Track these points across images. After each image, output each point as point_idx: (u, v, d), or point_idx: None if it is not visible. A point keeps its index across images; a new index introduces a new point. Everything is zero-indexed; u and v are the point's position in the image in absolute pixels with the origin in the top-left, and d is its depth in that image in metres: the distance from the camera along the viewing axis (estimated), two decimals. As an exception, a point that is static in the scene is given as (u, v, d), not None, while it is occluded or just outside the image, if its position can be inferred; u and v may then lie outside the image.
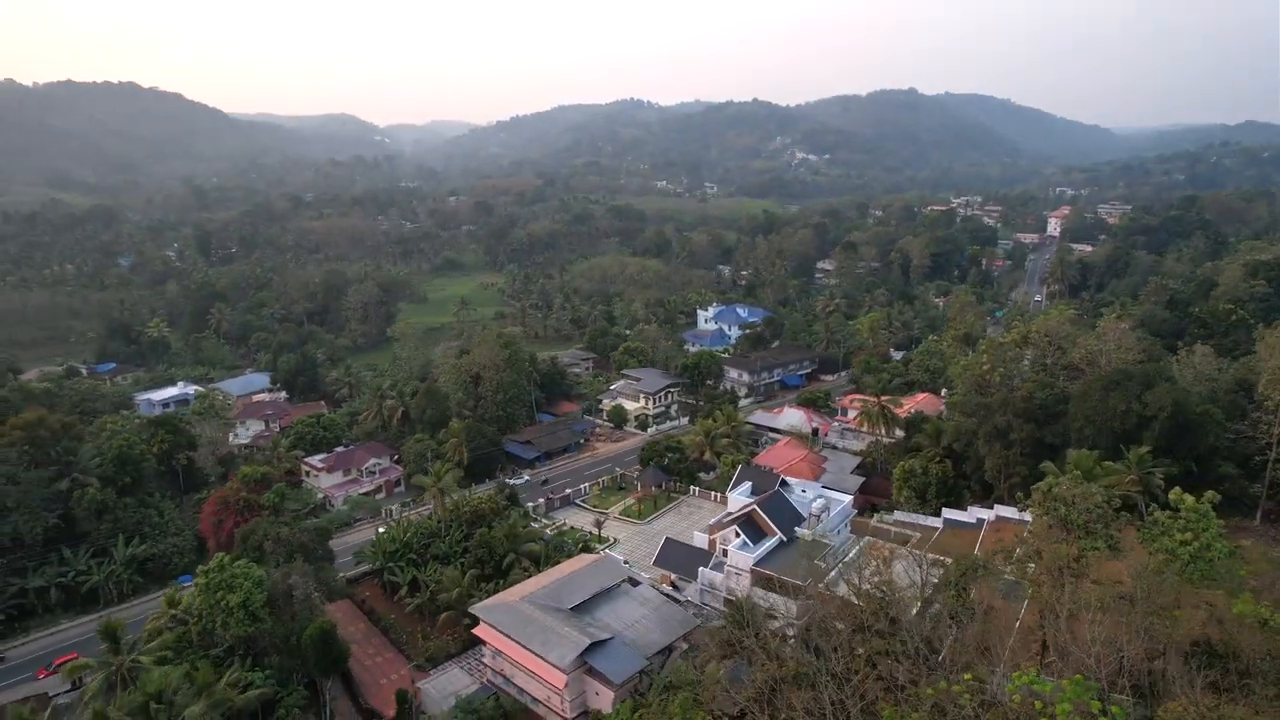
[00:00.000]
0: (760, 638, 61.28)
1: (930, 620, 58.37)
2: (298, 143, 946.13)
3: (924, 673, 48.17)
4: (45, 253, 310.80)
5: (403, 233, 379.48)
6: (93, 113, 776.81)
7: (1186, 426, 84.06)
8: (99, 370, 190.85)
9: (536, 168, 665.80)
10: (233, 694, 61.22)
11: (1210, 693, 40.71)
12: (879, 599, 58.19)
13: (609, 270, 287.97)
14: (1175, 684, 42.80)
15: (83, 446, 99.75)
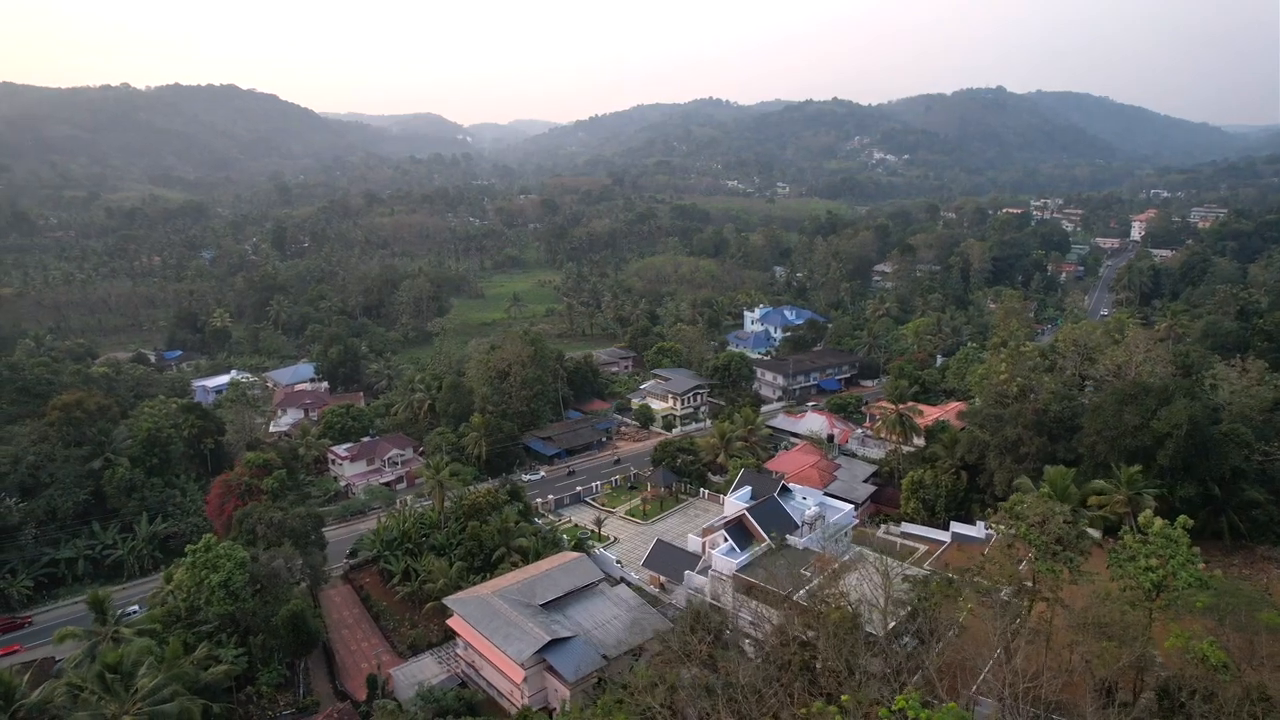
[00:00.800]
0: (704, 645, 60.73)
1: (888, 637, 56.64)
2: (383, 141, 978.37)
3: (848, 689, 46.80)
4: (138, 245, 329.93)
5: (469, 229, 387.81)
6: (196, 114, 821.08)
7: (1206, 446, 78.98)
8: (167, 357, 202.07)
9: (609, 166, 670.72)
10: (190, 668, 63.95)
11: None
12: (824, 612, 56.91)
13: (663, 269, 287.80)
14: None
15: (116, 428, 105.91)
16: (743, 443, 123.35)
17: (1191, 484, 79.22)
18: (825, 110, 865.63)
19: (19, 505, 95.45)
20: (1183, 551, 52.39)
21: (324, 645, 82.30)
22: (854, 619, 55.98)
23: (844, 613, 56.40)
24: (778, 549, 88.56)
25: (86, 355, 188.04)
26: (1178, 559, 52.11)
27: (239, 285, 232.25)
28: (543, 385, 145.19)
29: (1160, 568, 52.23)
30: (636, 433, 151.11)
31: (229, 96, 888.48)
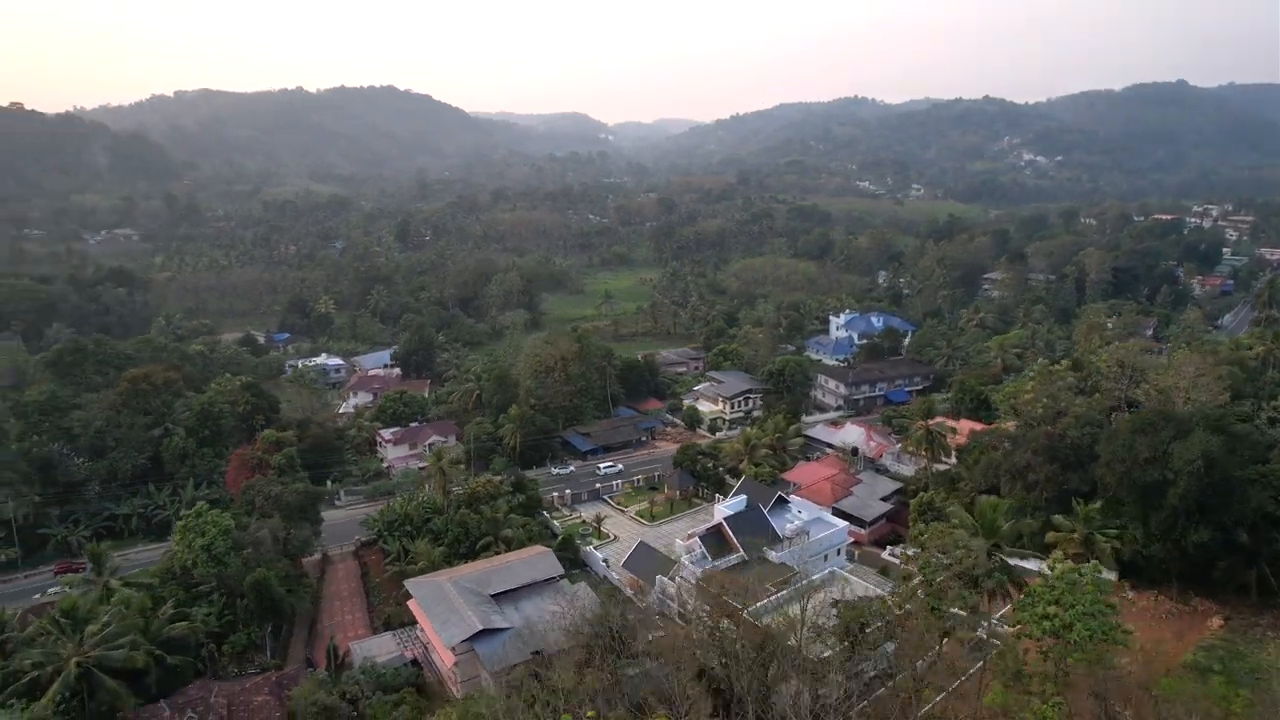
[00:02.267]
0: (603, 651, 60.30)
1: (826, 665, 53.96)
2: (528, 140, 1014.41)
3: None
4: (280, 236, 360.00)
5: (584, 226, 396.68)
6: (359, 114, 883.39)
7: (1225, 487, 70.16)
8: (276, 339, 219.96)
9: (742, 165, 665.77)
10: (157, 622, 70.19)
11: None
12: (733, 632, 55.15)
13: (761, 270, 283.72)
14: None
15: (177, 401, 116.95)
16: (768, 450, 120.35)
17: (1206, 528, 70.61)
18: (974, 109, 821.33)
19: (86, 464, 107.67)
20: (1084, 598, 47.29)
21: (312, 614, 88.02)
22: (769, 641, 53.47)
23: (757, 632, 54.49)
24: (750, 561, 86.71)
25: (208, 334, 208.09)
26: (1078, 607, 47.08)
27: (346, 275, 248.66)
28: (586, 381, 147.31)
29: (1057, 615, 47.42)
30: (680, 434, 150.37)
31: (388, 97, 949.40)
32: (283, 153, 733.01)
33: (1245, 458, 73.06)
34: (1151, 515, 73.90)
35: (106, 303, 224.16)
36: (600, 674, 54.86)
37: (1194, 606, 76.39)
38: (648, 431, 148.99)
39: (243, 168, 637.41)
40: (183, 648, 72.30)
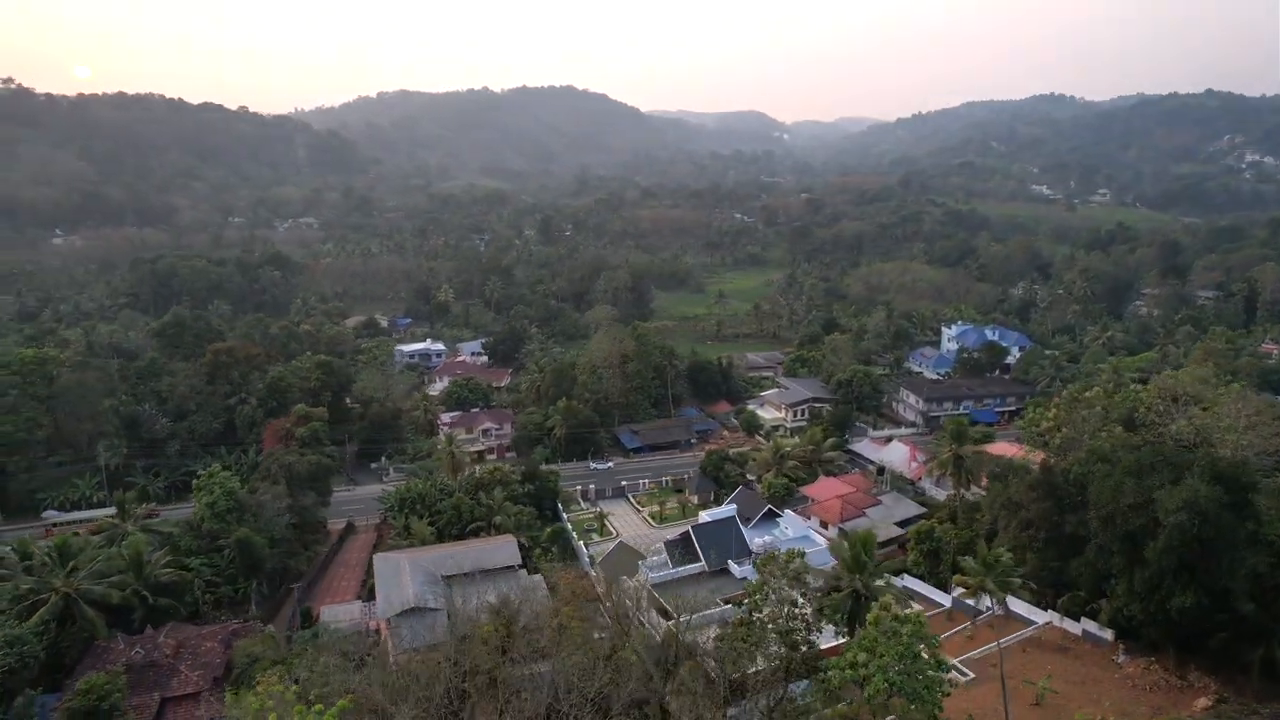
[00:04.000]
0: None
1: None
2: (699, 138, 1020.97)
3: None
4: (435, 228, 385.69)
5: (723, 225, 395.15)
6: (537, 112, 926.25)
7: (1216, 546, 60.61)
8: (399, 324, 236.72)
9: (912, 166, 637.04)
10: (152, 567, 78.97)
11: None
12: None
13: (887, 276, 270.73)
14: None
15: (253, 374, 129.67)
16: (798, 462, 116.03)
17: (1192, 592, 61.20)
18: (1190, 104, 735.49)
19: (169, 424, 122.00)
20: (894, 649, 43.02)
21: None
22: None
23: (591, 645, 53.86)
24: (707, 573, 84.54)
25: (338, 316, 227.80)
26: (885, 657, 42.91)
27: (471, 266, 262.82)
28: (642, 379, 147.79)
29: (861, 666, 43.48)
30: (735, 439, 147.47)
31: (566, 96, 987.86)
32: (463, 149, 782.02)
33: (1248, 515, 62.30)
34: (1136, 570, 65.06)
35: (264, 284, 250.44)
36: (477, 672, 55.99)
37: (1189, 681, 66.62)
38: (702, 434, 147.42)
39: (424, 163, 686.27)
40: (173, 592, 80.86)
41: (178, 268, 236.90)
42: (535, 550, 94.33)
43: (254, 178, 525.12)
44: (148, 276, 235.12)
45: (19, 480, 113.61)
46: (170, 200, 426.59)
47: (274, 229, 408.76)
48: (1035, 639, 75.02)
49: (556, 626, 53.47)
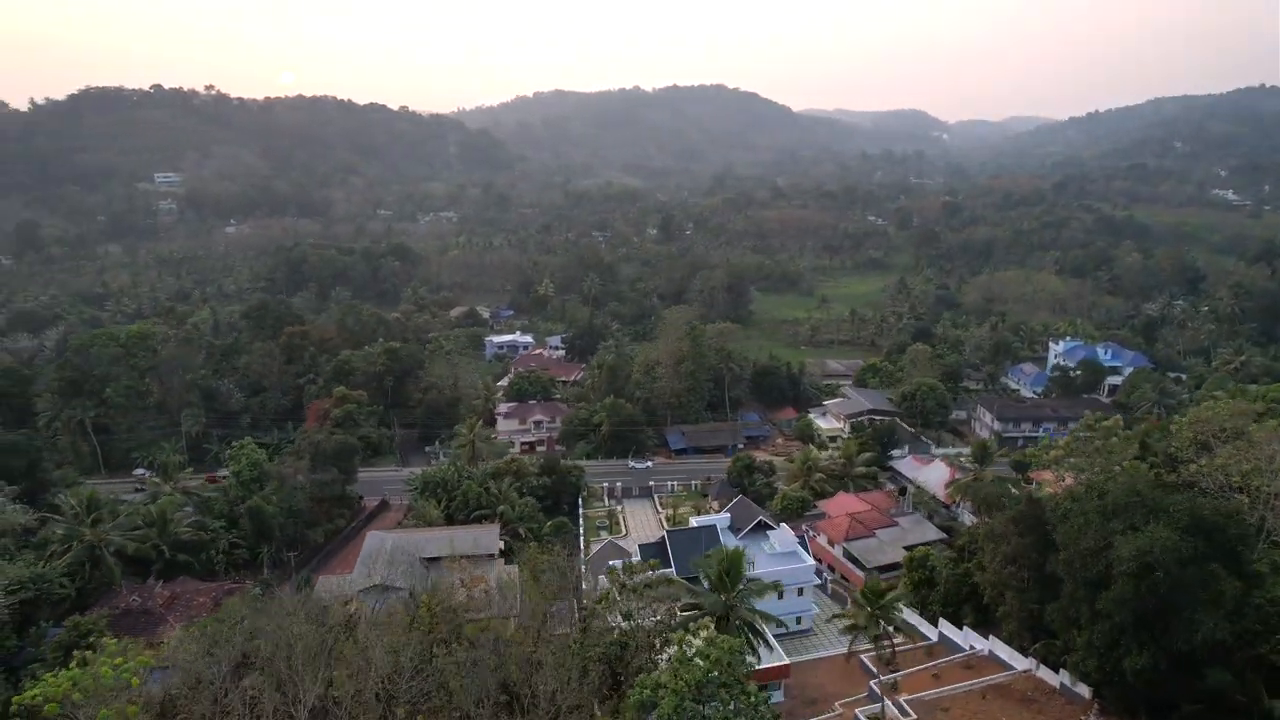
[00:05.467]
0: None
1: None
2: (851, 138, 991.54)
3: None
4: (562, 224, 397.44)
5: (854, 227, 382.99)
6: (685, 111, 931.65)
7: (1170, 601, 53.81)
8: (501, 315, 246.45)
9: (1078, 168, 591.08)
10: (175, 526, 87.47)
11: None
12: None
13: (1008, 284, 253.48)
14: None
15: (322, 357, 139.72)
16: (825, 475, 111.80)
17: (1147, 652, 54.50)
18: None
19: (243, 399, 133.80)
20: (688, 675, 40.77)
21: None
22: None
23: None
24: (670, 579, 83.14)
25: (445, 306, 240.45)
26: (678, 685, 40.69)
27: (570, 261, 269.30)
28: (696, 381, 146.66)
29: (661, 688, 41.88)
30: (788, 446, 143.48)
31: (715, 95, 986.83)
32: (609, 147, 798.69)
33: (1232, 572, 54.44)
34: (1097, 623, 58.62)
35: (385, 273, 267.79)
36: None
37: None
38: (753, 439, 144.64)
39: (569, 160, 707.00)
40: (191, 550, 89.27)
41: (309, 255, 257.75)
42: (530, 542, 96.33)
43: (407, 174, 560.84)
44: (283, 263, 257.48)
45: (120, 439, 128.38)
46: (329, 194, 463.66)
47: (416, 222, 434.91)
48: (1003, 686, 68.98)
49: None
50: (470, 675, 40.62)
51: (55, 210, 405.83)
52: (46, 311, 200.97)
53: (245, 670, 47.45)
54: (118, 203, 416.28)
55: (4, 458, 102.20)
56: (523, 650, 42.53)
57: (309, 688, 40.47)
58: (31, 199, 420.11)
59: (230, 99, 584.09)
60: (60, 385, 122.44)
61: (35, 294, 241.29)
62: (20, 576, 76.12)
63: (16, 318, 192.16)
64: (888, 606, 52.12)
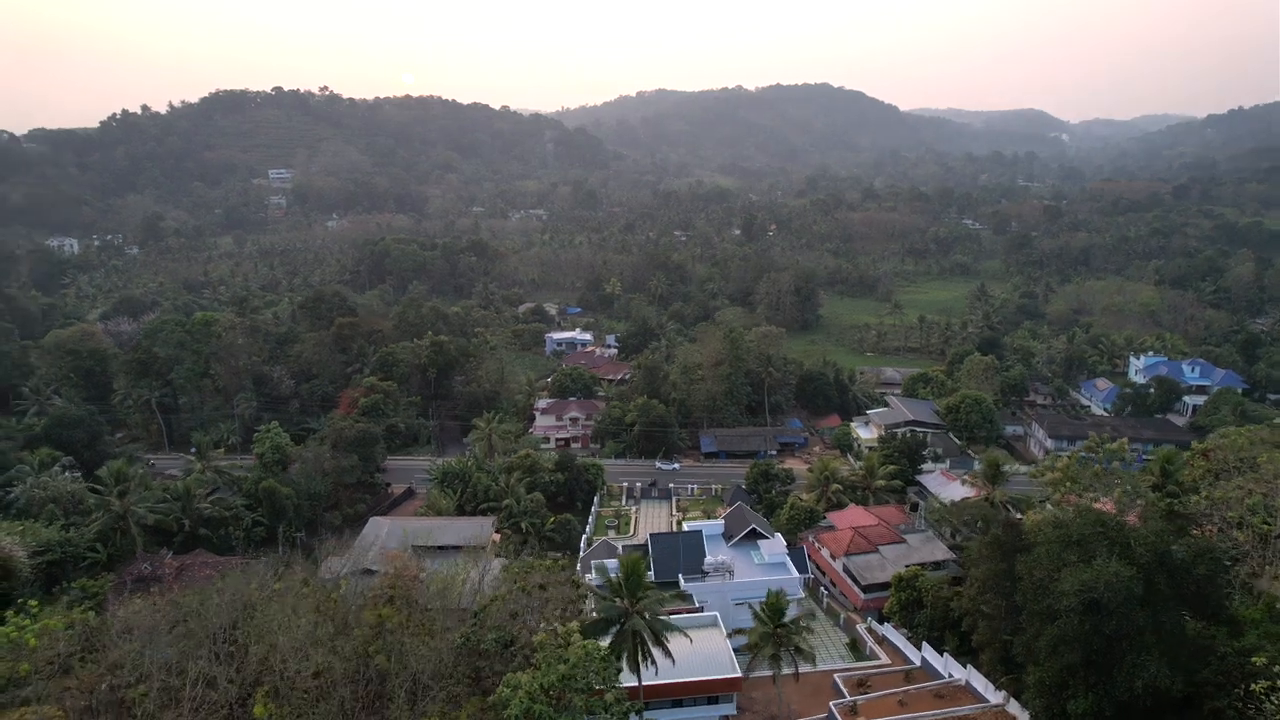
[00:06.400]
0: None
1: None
2: (961, 138, 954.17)
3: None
4: (644, 223, 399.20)
5: (938, 231, 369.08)
6: (786, 110, 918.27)
7: (1116, 641, 50.04)
8: (568, 312, 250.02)
9: (1204, 171, 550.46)
10: (200, 502, 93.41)
11: None
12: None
13: (1098, 294, 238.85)
14: None
15: (370, 347, 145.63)
16: (841, 487, 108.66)
17: (1091, 696, 50.80)
18: None
19: (293, 385, 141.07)
20: (542, 677, 40.57)
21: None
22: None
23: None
24: (654, 583, 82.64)
25: (514, 302, 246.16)
26: (531, 685, 40.61)
27: (639, 260, 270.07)
28: (732, 384, 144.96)
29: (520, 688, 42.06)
30: (822, 453, 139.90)
31: (819, 94, 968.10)
32: (706, 146, 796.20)
33: (1175, 612, 49.89)
34: (1048, 659, 54.95)
35: (461, 268, 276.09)
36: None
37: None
38: (787, 446, 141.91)
39: (665, 159, 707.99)
40: (212, 525, 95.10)
41: (391, 250, 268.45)
42: (531, 537, 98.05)
43: (503, 171, 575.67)
44: (367, 256, 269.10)
45: (182, 419, 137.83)
46: (426, 190, 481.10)
47: (507, 219, 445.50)
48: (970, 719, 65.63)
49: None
50: (332, 657, 42.05)
51: (181, 204, 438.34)
52: (147, 298, 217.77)
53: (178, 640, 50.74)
54: (234, 197, 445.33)
55: (67, 430, 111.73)
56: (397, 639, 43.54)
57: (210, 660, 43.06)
58: (163, 194, 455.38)
59: (342, 99, 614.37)
60: (131, 366, 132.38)
61: (145, 281, 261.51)
62: (50, 540, 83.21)
63: (121, 303, 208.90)
64: (791, 628, 50.15)
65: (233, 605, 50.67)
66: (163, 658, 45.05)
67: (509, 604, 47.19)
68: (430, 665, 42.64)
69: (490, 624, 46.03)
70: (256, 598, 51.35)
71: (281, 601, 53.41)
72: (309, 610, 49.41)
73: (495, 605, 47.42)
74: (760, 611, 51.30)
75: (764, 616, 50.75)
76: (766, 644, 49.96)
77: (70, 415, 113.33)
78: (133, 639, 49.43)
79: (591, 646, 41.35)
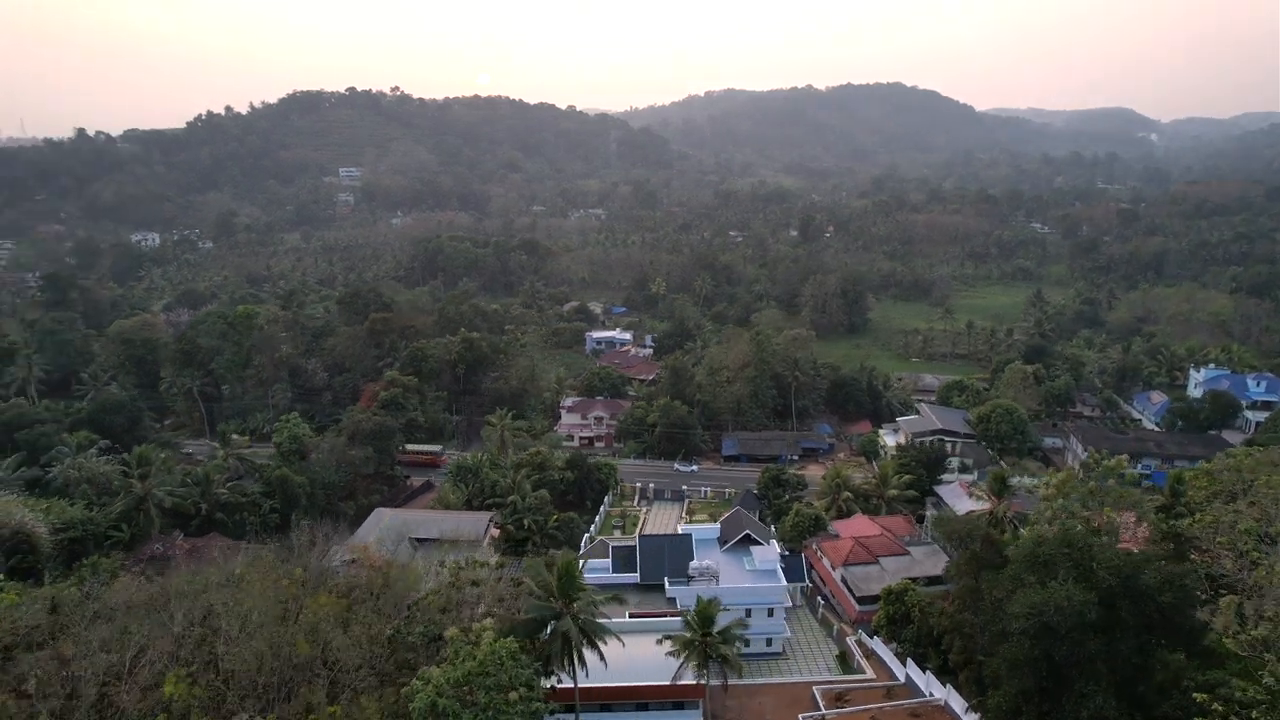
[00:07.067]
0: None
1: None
2: (1039, 139, 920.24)
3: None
4: (698, 224, 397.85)
5: (1003, 236, 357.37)
6: (857, 110, 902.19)
7: (1068, 669, 47.83)
8: (613, 311, 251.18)
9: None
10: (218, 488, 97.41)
11: None
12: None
13: (1166, 302, 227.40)
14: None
15: (400, 342, 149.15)
16: (853, 495, 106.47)
17: (1049, 718, 48.74)
18: None
19: (326, 377, 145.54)
20: (450, 673, 41.07)
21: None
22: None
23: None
24: (638, 585, 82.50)
25: (560, 301, 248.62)
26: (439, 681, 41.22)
27: (687, 260, 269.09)
28: (757, 387, 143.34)
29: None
30: (846, 460, 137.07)
31: (891, 94, 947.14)
32: (773, 146, 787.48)
33: (1132, 641, 47.14)
34: (1003, 684, 52.84)
35: (511, 266, 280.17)
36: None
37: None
38: (810, 451, 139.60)
39: (730, 159, 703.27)
40: (228, 510, 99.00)
41: (444, 247, 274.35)
42: (531, 534, 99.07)
43: (566, 170, 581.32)
44: (420, 253, 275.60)
45: (224, 407, 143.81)
46: (488, 189, 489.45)
47: (566, 218, 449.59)
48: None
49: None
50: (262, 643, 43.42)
51: (255, 201, 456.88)
52: (208, 290, 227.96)
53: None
54: (305, 195, 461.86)
55: (109, 415, 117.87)
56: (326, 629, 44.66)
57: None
58: (240, 191, 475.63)
59: (412, 99, 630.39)
60: (176, 356, 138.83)
61: (212, 275, 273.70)
62: (73, 518, 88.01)
63: (183, 295, 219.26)
64: (718, 638, 49.27)
65: (194, 589, 52.88)
66: (107, 636, 47.17)
67: (441, 599, 47.82)
68: (353, 656, 43.64)
69: (419, 618, 46.79)
70: (215, 581, 53.42)
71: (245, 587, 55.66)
72: (256, 596, 51.18)
73: (427, 600, 48.15)
74: (690, 619, 50.53)
75: (694, 624, 49.98)
76: (692, 652, 49.21)
77: (112, 400, 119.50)
78: (102, 618, 52.02)
79: (501, 645, 41.62)
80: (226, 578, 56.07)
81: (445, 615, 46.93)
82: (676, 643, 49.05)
